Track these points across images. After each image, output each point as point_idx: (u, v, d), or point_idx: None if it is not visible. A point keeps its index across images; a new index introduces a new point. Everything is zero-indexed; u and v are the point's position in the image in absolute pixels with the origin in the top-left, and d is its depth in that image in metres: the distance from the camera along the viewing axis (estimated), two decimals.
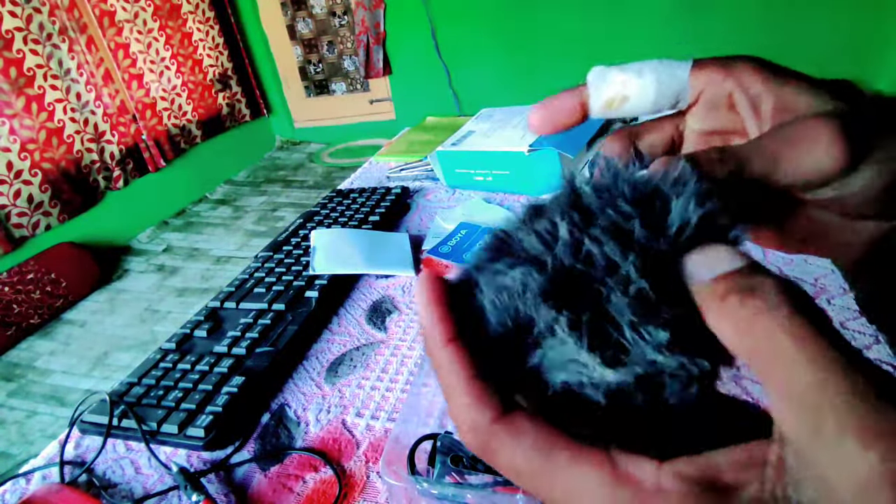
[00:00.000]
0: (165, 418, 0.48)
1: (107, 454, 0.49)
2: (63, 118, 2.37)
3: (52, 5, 2.31)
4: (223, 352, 0.56)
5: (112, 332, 2.06)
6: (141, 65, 2.79)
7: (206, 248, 2.62)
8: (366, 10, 3.17)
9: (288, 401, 0.53)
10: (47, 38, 2.30)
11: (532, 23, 2.94)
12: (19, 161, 2.20)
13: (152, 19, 2.86)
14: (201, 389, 0.51)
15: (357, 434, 0.48)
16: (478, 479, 0.35)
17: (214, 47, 3.27)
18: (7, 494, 0.47)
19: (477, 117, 1.00)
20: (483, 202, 0.85)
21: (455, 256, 0.72)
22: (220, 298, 0.65)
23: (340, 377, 0.55)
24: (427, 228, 0.81)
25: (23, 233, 2.23)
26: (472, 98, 3.25)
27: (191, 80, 3.09)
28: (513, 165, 0.84)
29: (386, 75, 3.40)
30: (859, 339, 0.51)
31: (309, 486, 0.44)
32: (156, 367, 0.55)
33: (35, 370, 1.90)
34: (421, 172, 1.00)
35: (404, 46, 3.25)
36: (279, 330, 0.59)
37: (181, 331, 0.60)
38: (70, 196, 2.41)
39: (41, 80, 2.28)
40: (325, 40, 3.45)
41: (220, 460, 0.47)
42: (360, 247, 0.72)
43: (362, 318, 0.63)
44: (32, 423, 1.66)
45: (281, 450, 0.47)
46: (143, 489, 0.45)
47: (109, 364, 1.89)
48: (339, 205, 0.86)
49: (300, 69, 3.58)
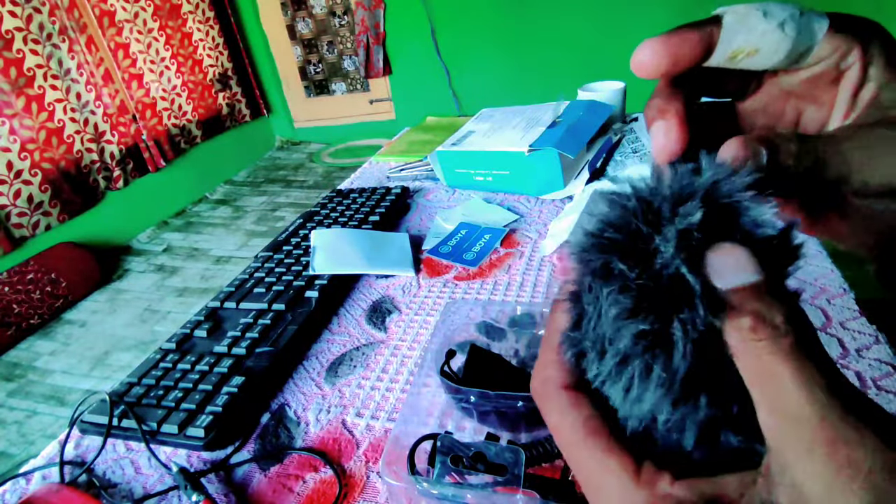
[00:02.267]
0: (165, 418, 0.48)
1: (107, 454, 0.49)
2: (63, 118, 2.37)
3: (52, 5, 2.31)
4: (223, 352, 0.56)
5: (112, 332, 2.06)
6: (141, 65, 2.79)
7: (206, 248, 2.61)
8: (366, 10, 3.17)
9: (288, 401, 0.53)
10: (47, 38, 2.30)
11: (532, 23, 2.94)
12: (19, 161, 2.20)
13: (152, 19, 2.86)
14: (201, 389, 0.51)
15: (357, 434, 0.48)
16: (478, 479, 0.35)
17: (214, 47, 3.27)
18: (7, 494, 0.47)
19: (477, 117, 1.00)
20: (483, 202, 0.85)
21: (455, 256, 0.72)
22: (220, 298, 0.65)
23: (340, 377, 0.55)
24: (427, 228, 0.81)
25: (23, 233, 2.23)
26: (472, 98, 3.26)
27: (191, 80, 3.09)
28: (513, 165, 0.84)
29: (386, 75, 3.40)
30: (859, 339, 0.51)
31: (309, 486, 0.44)
32: (156, 367, 0.55)
33: (35, 370, 1.90)
34: (421, 172, 1.00)
35: (404, 46, 3.25)
36: (279, 330, 0.59)
37: (181, 331, 0.60)
38: (70, 196, 2.41)
39: (41, 80, 2.28)
40: (325, 40, 3.45)
41: (220, 460, 0.47)
42: (360, 247, 0.72)
43: (362, 318, 0.63)
44: (32, 423, 1.66)
45: (281, 450, 0.47)
46: (143, 489, 0.45)
47: (109, 364, 1.89)
48: (339, 205, 0.86)
49: (300, 69, 3.58)
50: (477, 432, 0.44)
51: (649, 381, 0.16)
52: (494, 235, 0.75)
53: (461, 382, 0.43)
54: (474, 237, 0.75)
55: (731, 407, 0.16)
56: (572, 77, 1.72)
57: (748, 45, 0.18)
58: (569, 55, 2.88)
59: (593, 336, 0.17)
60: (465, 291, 0.66)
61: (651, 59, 0.19)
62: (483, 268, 0.70)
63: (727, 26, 0.18)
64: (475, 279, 0.68)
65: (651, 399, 0.16)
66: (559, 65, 2.94)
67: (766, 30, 0.18)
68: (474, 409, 0.42)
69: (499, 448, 0.35)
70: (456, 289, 0.66)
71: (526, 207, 0.84)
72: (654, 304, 0.16)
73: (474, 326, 0.50)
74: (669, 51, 0.18)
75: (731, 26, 0.18)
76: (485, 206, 0.84)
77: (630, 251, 0.16)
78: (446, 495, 0.35)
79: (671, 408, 0.16)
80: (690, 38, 0.18)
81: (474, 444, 0.36)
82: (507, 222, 0.79)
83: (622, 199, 0.17)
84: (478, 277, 0.68)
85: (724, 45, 0.18)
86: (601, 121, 0.87)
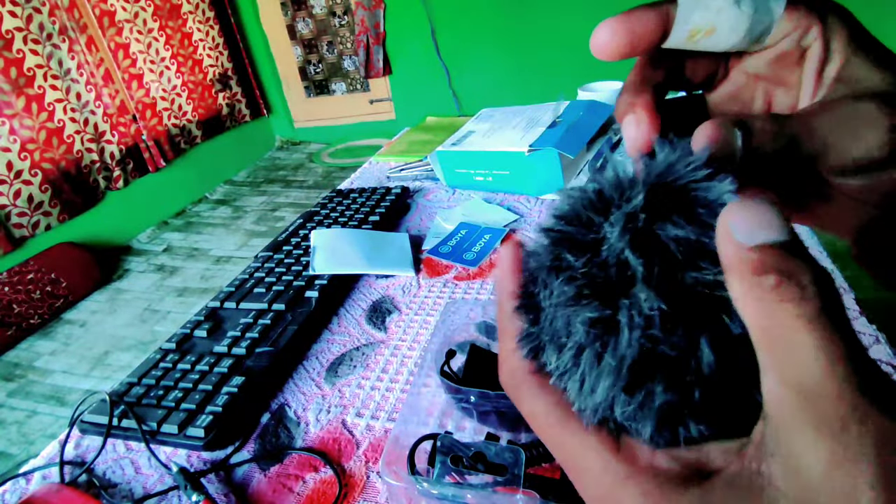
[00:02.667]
0: (165, 418, 0.48)
1: (107, 454, 0.49)
2: (63, 118, 2.37)
3: (52, 5, 2.31)
4: (223, 352, 0.56)
5: (112, 332, 2.06)
6: (141, 65, 2.79)
7: (206, 248, 2.62)
8: (366, 10, 3.17)
9: (288, 401, 0.53)
10: (47, 38, 2.30)
11: (532, 23, 2.94)
12: (19, 161, 2.20)
13: (152, 19, 2.86)
14: (201, 389, 0.51)
15: (357, 434, 0.48)
16: (478, 479, 0.35)
17: (214, 47, 3.27)
18: (7, 494, 0.47)
19: (477, 117, 1.00)
20: (483, 202, 0.85)
21: (455, 256, 0.72)
22: (220, 298, 0.65)
23: (340, 377, 0.55)
24: (427, 228, 0.81)
25: (23, 233, 2.23)
26: (472, 98, 3.26)
27: (191, 80, 3.09)
28: (513, 165, 0.84)
29: (386, 75, 3.40)
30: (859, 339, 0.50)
31: (309, 486, 0.44)
32: (156, 367, 0.55)
33: (35, 370, 1.90)
34: (421, 172, 1.00)
35: (404, 46, 3.25)
36: (279, 330, 0.59)
37: (181, 331, 0.60)
38: (70, 196, 2.41)
39: (41, 80, 2.28)
40: (325, 40, 3.45)
41: (220, 460, 0.47)
42: (360, 247, 0.72)
43: (362, 318, 0.63)
44: (32, 423, 1.66)
45: (281, 450, 0.47)
46: (143, 489, 0.45)
47: (109, 364, 1.89)
48: (339, 205, 0.86)
49: (300, 69, 3.58)
50: (477, 432, 0.44)
51: (601, 371, 0.15)
52: (494, 235, 0.75)
53: (461, 382, 0.43)
54: (474, 237, 0.75)
55: (692, 393, 0.15)
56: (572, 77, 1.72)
57: (705, 24, 0.18)
58: (569, 55, 2.88)
59: (550, 331, 0.17)
60: (465, 291, 0.66)
61: (610, 40, 0.18)
62: (483, 268, 0.70)
63: (682, 4, 0.18)
64: (475, 279, 0.68)
65: (604, 388, 0.15)
66: (559, 65, 2.94)
67: (721, 6, 0.17)
68: (474, 409, 0.42)
69: (499, 448, 0.35)
70: (456, 289, 0.66)
71: (526, 207, 0.84)
72: (598, 291, 0.15)
73: (474, 326, 0.50)
74: (627, 30, 0.18)
75: (687, 4, 0.18)
76: (485, 206, 0.84)
77: (579, 242, 0.16)
78: (446, 495, 0.35)
79: (626, 396, 0.15)
80: (646, 17, 0.18)
81: (474, 444, 0.36)
82: (507, 222, 0.79)
83: (576, 192, 0.17)
84: (478, 277, 0.68)
85: (681, 23, 0.18)
86: (601, 121, 0.87)
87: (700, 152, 0.16)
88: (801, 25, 0.18)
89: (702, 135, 0.17)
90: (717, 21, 0.18)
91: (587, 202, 0.17)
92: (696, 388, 0.15)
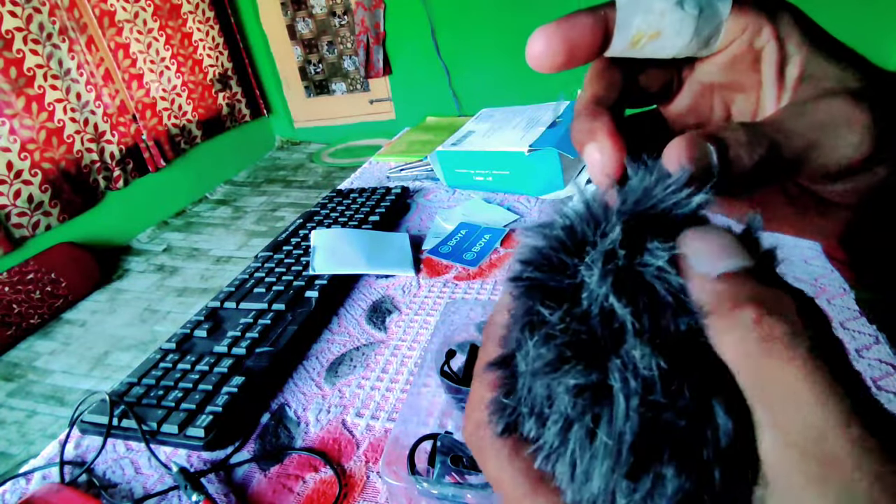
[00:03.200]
0: (165, 418, 0.48)
1: (107, 454, 0.49)
2: (63, 118, 2.37)
3: (52, 5, 2.31)
4: (223, 352, 0.56)
5: (112, 332, 2.06)
6: (141, 65, 2.80)
7: (206, 248, 2.62)
8: (366, 10, 3.17)
9: (288, 401, 0.53)
10: (47, 38, 2.30)
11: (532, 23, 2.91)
12: (19, 161, 2.20)
13: (152, 19, 2.86)
14: (201, 389, 0.51)
15: (357, 434, 0.48)
16: (478, 479, 0.35)
17: (214, 47, 3.27)
18: (7, 494, 0.47)
19: (477, 117, 1.00)
20: (483, 202, 0.85)
21: (455, 256, 0.72)
22: (220, 298, 0.65)
23: (340, 377, 0.55)
24: (427, 228, 0.81)
25: (23, 233, 2.23)
26: (472, 98, 3.26)
27: (191, 80, 3.09)
28: (513, 165, 0.84)
29: (386, 75, 3.40)
30: (859, 338, 0.51)
31: (309, 486, 0.44)
32: (156, 367, 0.55)
33: (35, 370, 1.90)
34: (421, 172, 1.00)
35: (404, 46, 3.25)
36: (279, 330, 0.59)
37: (181, 331, 0.60)
38: (70, 196, 2.41)
39: (41, 80, 2.28)
40: (325, 40, 3.45)
41: (220, 460, 0.47)
42: (360, 247, 0.72)
43: (362, 318, 0.63)
44: (32, 423, 1.66)
45: (281, 450, 0.47)
46: (143, 489, 0.45)
47: (109, 364, 1.89)
48: (339, 205, 0.86)
49: (300, 69, 3.58)
50: None
51: (595, 451, 0.12)
52: (494, 235, 0.75)
53: (461, 382, 0.43)
54: (474, 237, 0.75)
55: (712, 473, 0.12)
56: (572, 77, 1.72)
57: (648, 27, 0.16)
58: None
59: (529, 400, 0.14)
60: (465, 291, 0.66)
61: (545, 50, 0.17)
62: (483, 268, 0.70)
63: (622, 7, 0.16)
64: (475, 279, 0.68)
65: (601, 475, 0.12)
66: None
67: (664, 8, 0.16)
68: None
69: None
70: (456, 289, 0.66)
71: (526, 207, 0.84)
72: (583, 351, 0.13)
73: (474, 326, 0.50)
74: (562, 38, 0.16)
75: (627, 6, 0.16)
76: (485, 206, 0.84)
77: (553, 290, 0.14)
78: (446, 495, 0.35)
79: (629, 483, 0.12)
80: (584, 23, 0.16)
81: None
82: (508, 222, 0.79)
83: (541, 230, 0.15)
84: (478, 277, 0.68)
85: (623, 29, 0.16)
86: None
87: (678, 172, 0.14)
88: (751, 26, 0.17)
89: (673, 153, 0.15)
90: (661, 24, 0.16)
91: (556, 242, 0.14)
92: (715, 467, 0.12)
